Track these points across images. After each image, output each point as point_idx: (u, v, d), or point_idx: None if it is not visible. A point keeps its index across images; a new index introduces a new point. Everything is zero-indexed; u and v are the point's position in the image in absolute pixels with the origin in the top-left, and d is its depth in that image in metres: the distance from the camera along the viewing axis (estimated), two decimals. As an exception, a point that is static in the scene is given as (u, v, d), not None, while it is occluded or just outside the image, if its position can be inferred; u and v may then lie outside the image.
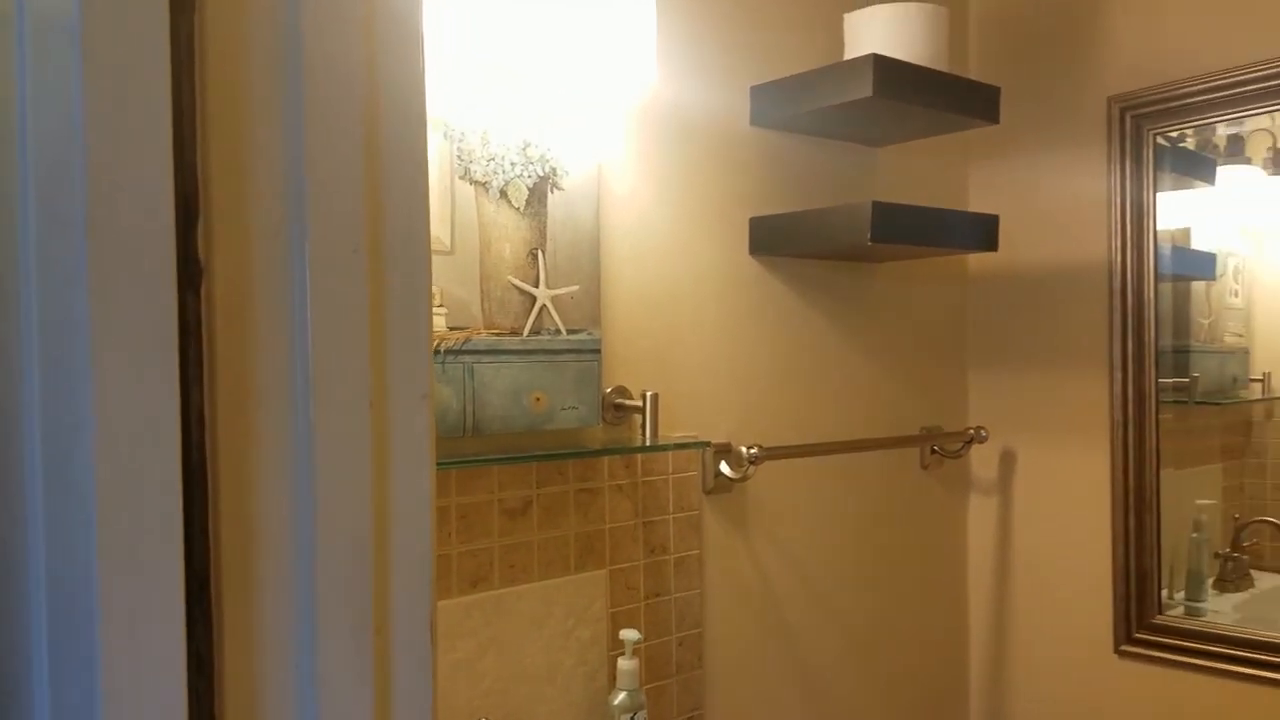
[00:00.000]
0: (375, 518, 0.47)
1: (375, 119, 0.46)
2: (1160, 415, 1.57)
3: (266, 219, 0.44)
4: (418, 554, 0.49)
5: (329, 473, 0.45)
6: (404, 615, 0.48)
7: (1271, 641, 1.44)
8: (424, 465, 0.49)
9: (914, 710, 1.67)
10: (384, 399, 0.47)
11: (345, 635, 0.46)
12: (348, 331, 0.46)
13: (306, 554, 0.45)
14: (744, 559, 1.41)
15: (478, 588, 1.08)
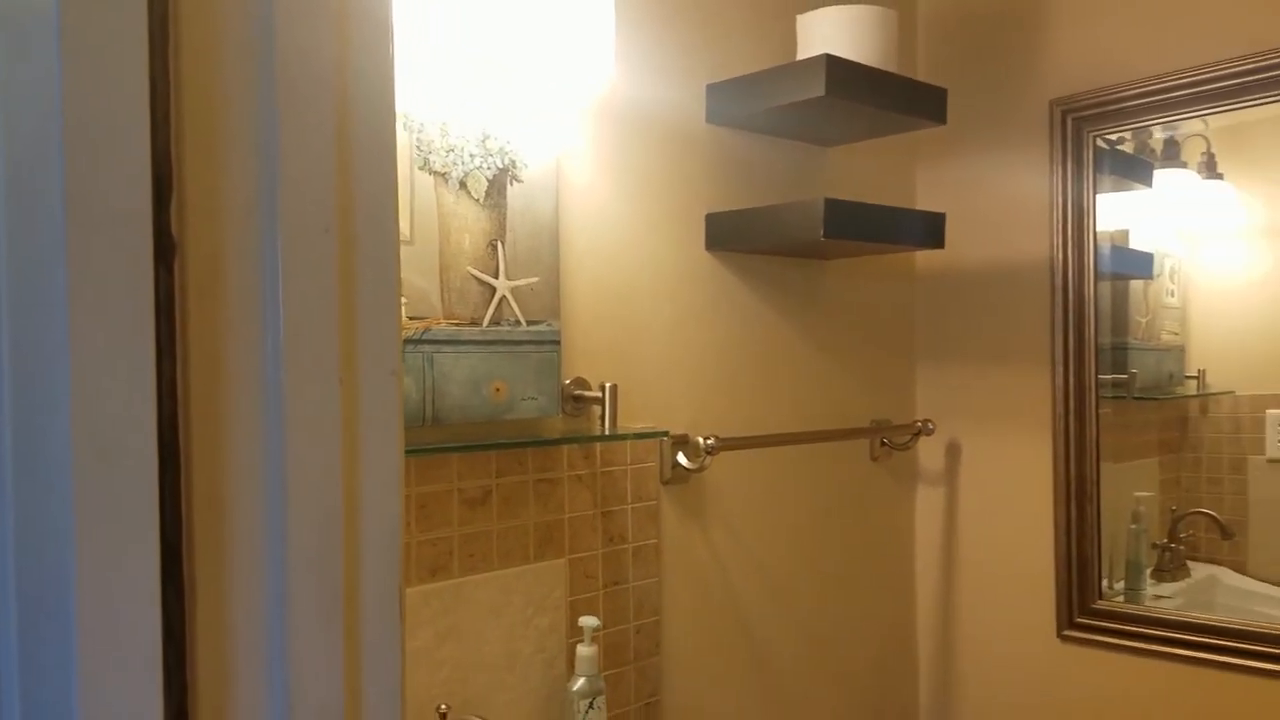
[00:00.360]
0: (346, 493, 0.48)
1: (345, 101, 0.47)
2: (1100, 409, 1.63)
3: (239, 197, 0.45)
4: (388, 530, 0.50)
5: (299, 448, 0.46)
6: (374, 591, 0.50)
7: (1207, 624, 1.50)
8: (394, 441, 0.50)
9: (865, 694, 1.71)
10: (354, 376, 0.49)
11: (315, 610, 0.48)
12: (318, 309, 0.47)
13: (278, 528, 0.46)
14: (701, 548, 1.43)
15: (437, 576, 1.09)
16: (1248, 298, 1.49)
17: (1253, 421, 1.49)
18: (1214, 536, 1.55)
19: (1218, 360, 1.54)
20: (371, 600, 0.49)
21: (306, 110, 0.46)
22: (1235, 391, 1.51)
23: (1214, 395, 1.54)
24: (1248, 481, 1.50)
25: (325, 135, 0.47)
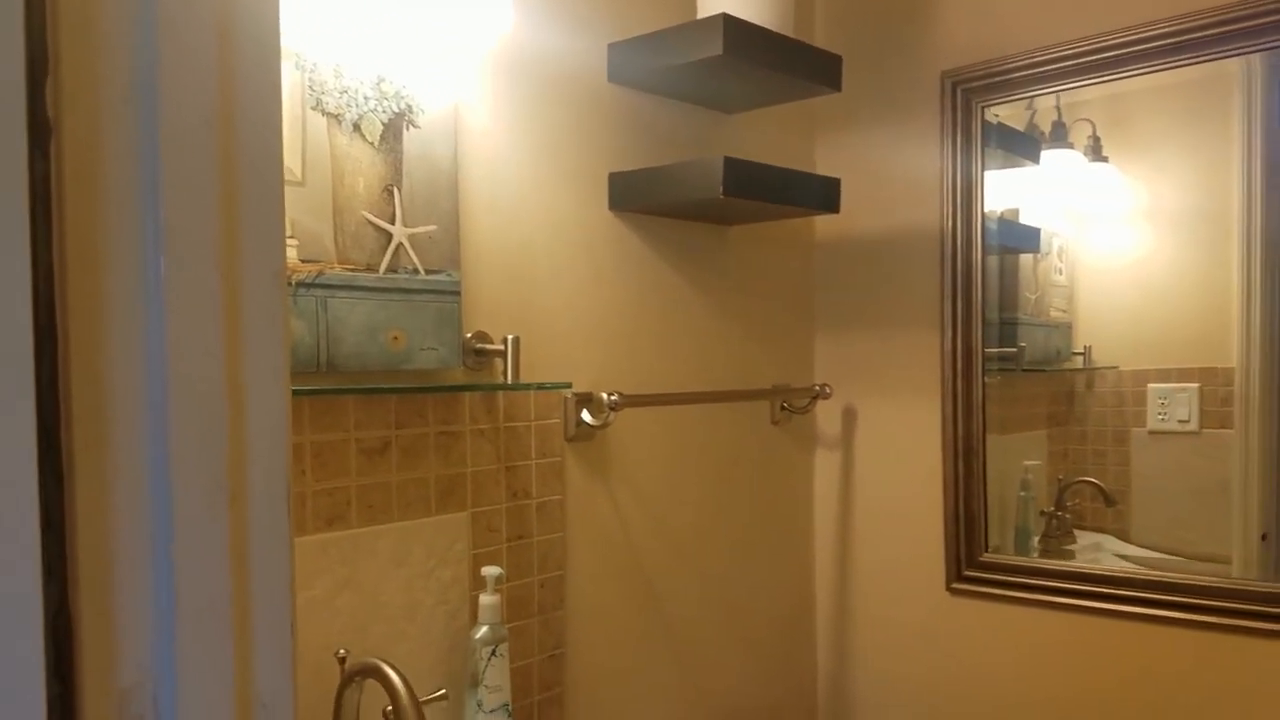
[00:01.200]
0: (229, 384, 0.48)
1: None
2: (986, 371, 1.70)
3: (118, 82, 0.44)
4: (273, 423, 0.50)
5: (180, 337, 0.46)
6: (260, 484, 0.50)
7: (1087, 573, 1.58)
8: (278, 339, 0.50)
9: (766, 648, 1.76)
10: (236, 269, 0.48)
11: (200, 501, 0.48)
12: (198, 199, 0.47)
13: (159, 416, 0.46)
14: (605, 505, 1.45)
15: (334, 526, 1.08)
16: (1131, 277, 1.56)
17: (1135, 395, 1.55)
18: (1099, 505, 1.62)
19: (1103, 337, 1.60)
20: (258, 493, 0.49)
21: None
22: (1119, 367, 1.58)
23: (1099, 370, 1.60)
24: (1130, 453, 1.56)
25: (207, 24, 0.46)
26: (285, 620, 0.51)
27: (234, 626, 0.49)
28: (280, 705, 0.51)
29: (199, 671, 0.48)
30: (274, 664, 0.51)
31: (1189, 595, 1.46)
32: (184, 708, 0.47)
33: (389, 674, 0.94)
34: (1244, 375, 1.46)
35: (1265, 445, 1.44)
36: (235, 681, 0.49)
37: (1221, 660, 1.43)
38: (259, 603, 0.50)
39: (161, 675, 0.47)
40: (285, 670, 0.51)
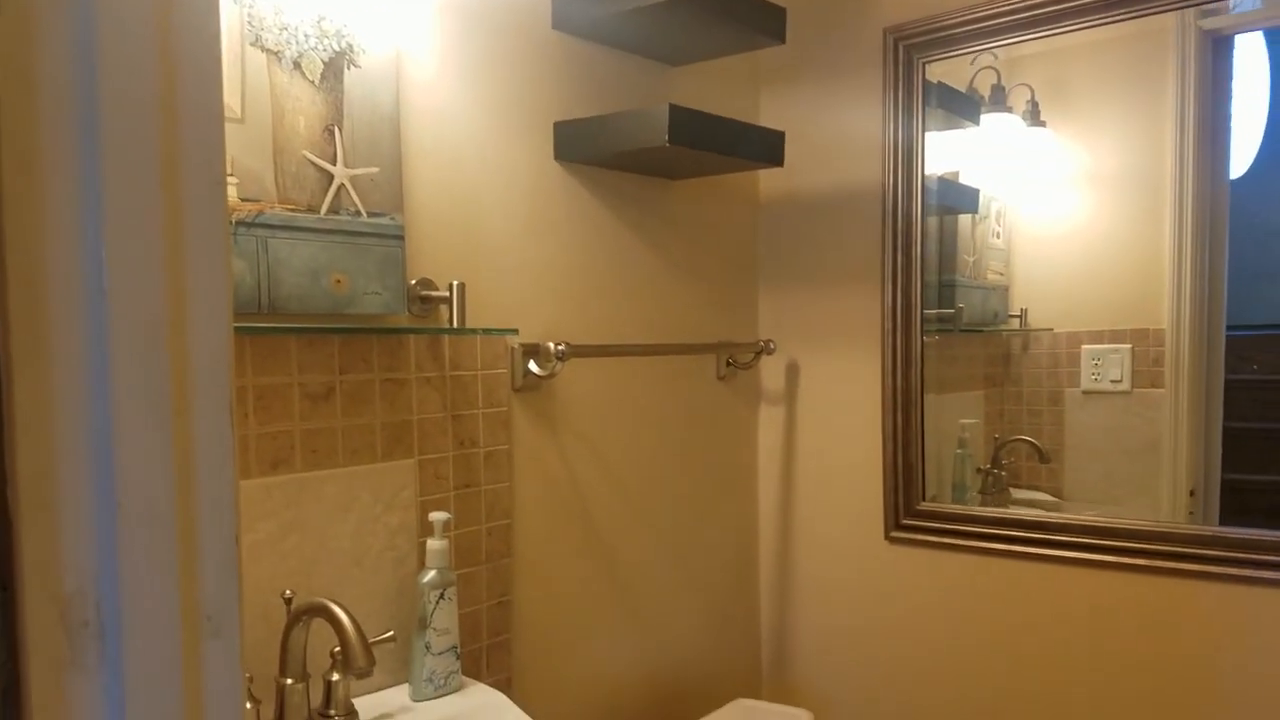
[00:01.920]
0: (170, 292, 0.48)
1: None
2: (925, 332, 1.73)
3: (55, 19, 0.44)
4: (215, 335, 0.50)
5: (119, 244, 0.46)
6: (203, 396, 0.50)
7: (1022, 519, 1.63)
8: (220, 248, 0.50)
9: (711, 594, 1.79)
10: (176, 179, 0.48)
11: (142, 409, 0.47)
12: (134, 105, 0.46)
13: (100, 324, 0.46)
14: (552, 455, 1.46)
15: (278, 470, 1.07)
16: (1067, 240, 1.60)
17: (1069, 356, 1.59)
18: (1034, 464, 1.66)
19: (1039, 299, 1.64)
20: (201, 404, 0.49)
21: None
22: (1054, 329, 1.61)
23: (1035, 332, 1.64)
24: (1064, 412, 1.61)
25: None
26: (230, 534, 0.51)
27: (178, 537, 0.49)
28: (226, 617, 0.51)
29: (143, 580, 0.48)
30: (219, 576, 0.51)
31: (1119, 539, 1.51)
32: (129, 616, 0.47)
33: (336, 612, 0.94)
34: (1174, 336, 1.51)
35: (1194, 404, 1.50)
36: (180, 592, 0.49)
37: (1149, 600, 1.49)
38: (203, 514, 0.50)
39: (105, 583, 0.47)
40: (231, 583, 0.51)
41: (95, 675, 0.46)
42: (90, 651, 0.47)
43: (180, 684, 0.49)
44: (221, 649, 0.51)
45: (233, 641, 0.52)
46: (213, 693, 0.50)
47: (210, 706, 0.50)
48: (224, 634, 0.51)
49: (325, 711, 1.03)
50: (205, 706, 0.50)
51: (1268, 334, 1.44)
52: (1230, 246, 1.47)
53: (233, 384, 0.50)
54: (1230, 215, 1.47)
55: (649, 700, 1.65)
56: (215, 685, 0.50)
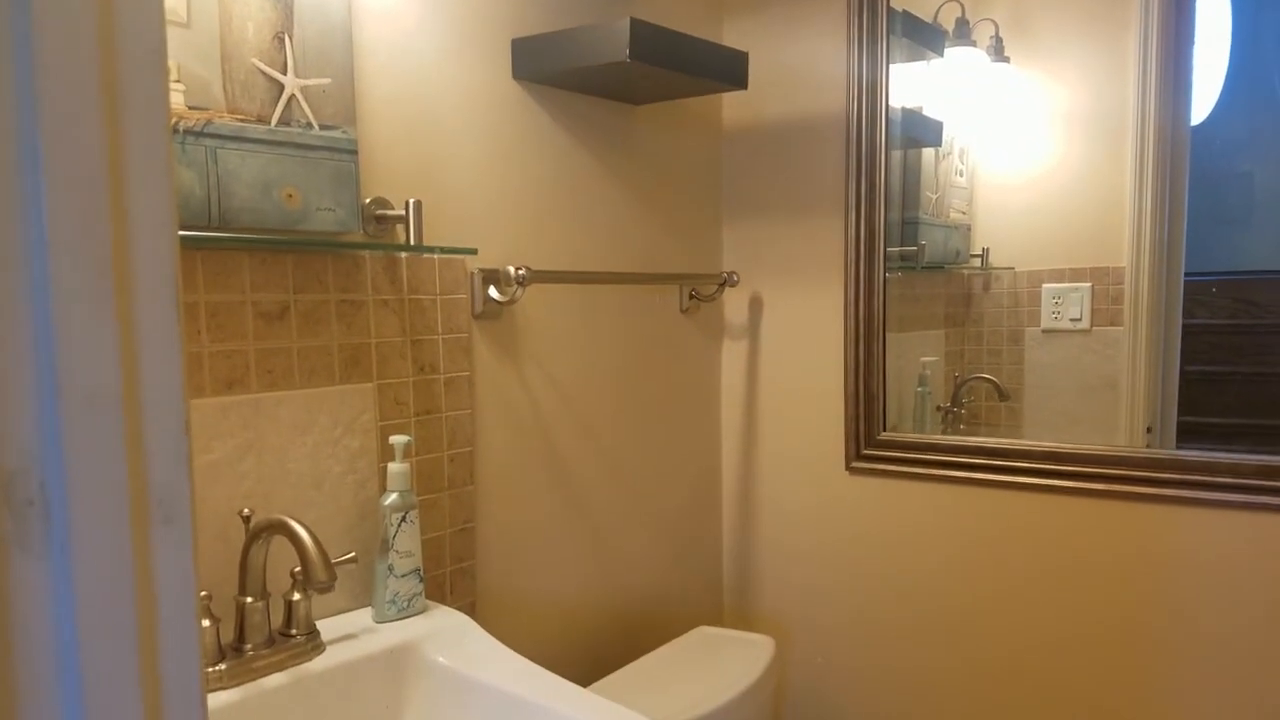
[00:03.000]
0: (109, 160, 0.45)
1: None
2: (888, 269, 1.73)
3: None
4: (158, 206, 0.48)
5: (51, 108, 0.43)
6: (146, 271, 0.48)
7: (981, 446, 1.65)
8: (161, 119, 0.48)
9: (673, 525, 1.80)
10: (111, 41, 0.46)
11: (82, 282, 0.45)
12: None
13: (36, 190, 0.43)
14: (514, 384, 1.44)
15: (233, 390, 1.05)
16: (1029, 179, 1.59)
17: (1030, 295, 1.60)
18: (994, 403, 1.67)
19: (1001, 239, 1.64)
20: (144, 280, 0.47)
21: None
22: (1015, 268, 1.62)
23: (996, 271, 1.65)
24: (1024, 351, 1.62)
25: None
26: (178, 419, 0.50)
27: (123, 417, 0.47)
28: (177, 505, 0.50)
29: (89, 463, 0.46)
30: (168, 462, 0.49)
31: (1077, 464, 1.54)
32: (75, 498, 0.46)
33: (295, 528, 0.92)
34: (1134, 274, 1.52)
35: (1152, 341, 1.51)
36: (128, 476, 0.48)
37: (1108, 524, 1.52)
38: (149, 397, 0.48)
39: (50, 464, 0.45)
40: (181, 470, 0.50)
41: (43, 557, 0.45)
42: (37, 533, 0.45)
43: (131, 570, 0.48)
44: (173, 537, 0.50)
45: (185, 530, 0.50)
46: (165, 581, 0.49)
47: (163, 595, 0.49)
48: (176, 522, 0.50)
49: (286, 631, 1.02)
50: (158, 595, 0.49)
51: (1225, 279, 1.45)
52: (1189, 192, 1.48)
53: (178, 262, 0.48)
54: (1190, 161, 1.48)
55: (612, 628, 1.66)
56: (167, 574, 0.49)
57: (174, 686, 0.48)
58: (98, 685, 0.46)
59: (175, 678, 0.48)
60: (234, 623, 0.99)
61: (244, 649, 0.97)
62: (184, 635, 0.49)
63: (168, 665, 0.48)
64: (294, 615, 1.02)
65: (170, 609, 0.49)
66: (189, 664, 0.49)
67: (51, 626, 0.45)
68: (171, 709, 0.48)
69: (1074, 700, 1.57)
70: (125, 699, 0.46)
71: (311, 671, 1.00)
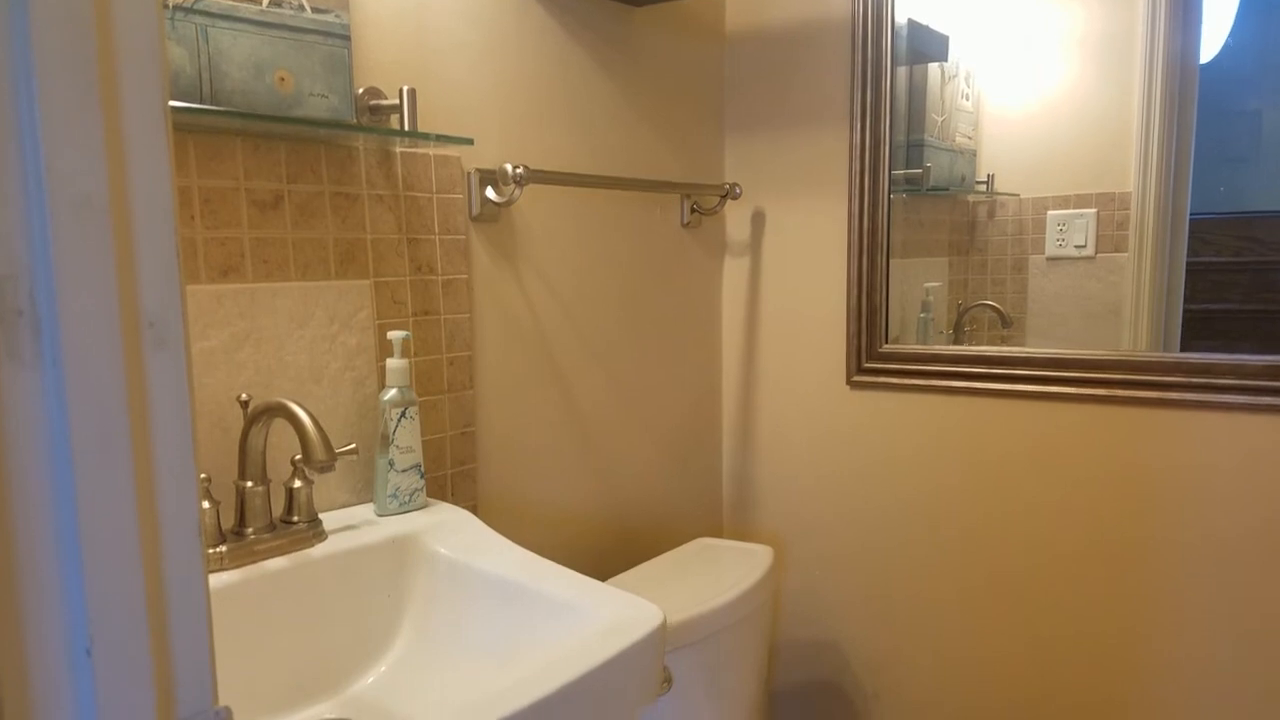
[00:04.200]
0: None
1: None
2: (892, 180, 1.70)
3: None
4: (145, 14, 0.46)
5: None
6: (133, 74, 0.46)
7: (984, 355, 1.64)
8: None
9: (672, 440, 1.80)
10: None
11: (69, 84, 0.44)
12: None
13: None
14: (513, 291, 1.43)
15: (229, 278, 1.03)
16: (1036, 105, 1.56)
17: (1035, 223, 1.58)
18: (996, 331, 1.66)
19: (1006, 165, 1.61)
20: (131, 84, 0.46)
21: None
22: (1020, 195, 1.60)
23: (1001, 198, 1.62)
24: (1028, 280, 1.60)
25: None
26: (169, 238, 0.49)
27: (112, 228, 0.46)
28: (170, 328, 0.49)
29: (78, 271, 0.45)
30: (159, 282, 0.48)
31: (1080, 370, 1.53)
32: (66, 312, 0.45)
33: (294, 409, 0.92)
34: (1140, 199, 1.50)
35: (1156, 267, 1.50)
36: (119, 291, 0.47)
37: (1108, 430, 1.52)
38: (139, 209, 0.47)
39: (38, 271, 0.44)
40: (173, 292, 0.49)
41: (34, 368, 0.44)
42: (27, 342, 0.44)
43: (125, 391, 0.47)
44: (168, 361, 0.49)
45: (178, 356, 0.49)
46: (160, 406, 0.48)
47: (157, 419, 0.48)
48: (169, 346, 0.49)
49: (288, 518, 1.02)
50: (152, 419, 0.48)
51: (1229, 218, 1.43)
52: (1197, 129, 1.45)
53: (166, 67, 0.46)
54: (1198, 98, 1.45)
55: (613, 538, 1.67)
56: (162, 398, 0.48)
57: (171, 507, 0.48)
58: (93, 504, 0.45)
59: (172, 498, 0.48)
60: (234, 508, 0.99)
61: (245, 533, 0.97)
62: (180, 460, 0.48)
63: (164, 486, 0.48)
64: (295, 502, 1.02)
65: (166, 432, 0.48)
66: (186, 488, 0.48)
67: (45, 441, 0.44)
68: (168, 527, 0.48)
69: (1075, 607, 1.59)
70: (121, 519, 0.46)
71: (313, 557, 1.00)
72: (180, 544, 0.48)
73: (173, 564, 0.47)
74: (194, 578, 0.48)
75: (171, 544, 0.47)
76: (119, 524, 0.46)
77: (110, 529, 0.45)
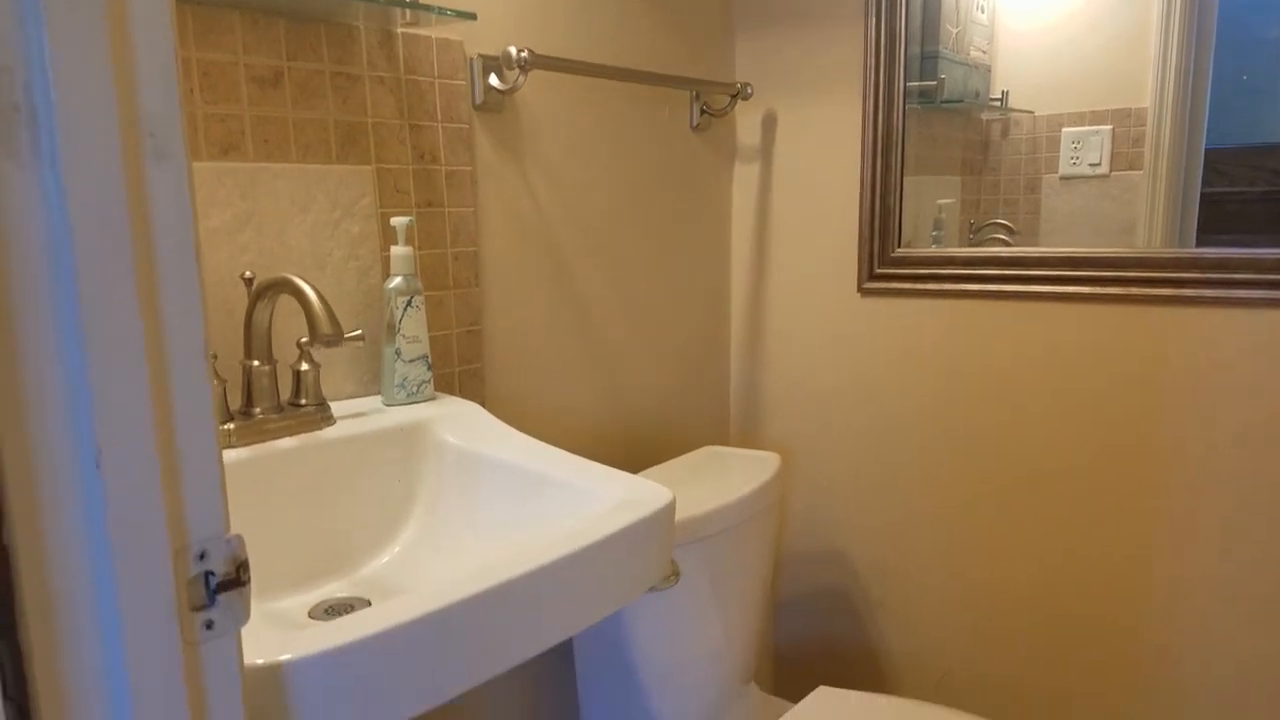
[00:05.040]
0: None
1: None
2: (906, 89, 1.66)
3: None
4: None
5: None
6: None
7: (993, 256, 1.62)
8: None
9: (680, 349, 1.79)
10: None
11: None
12: None
13: None
14: (518, 186, 1.40)
15: (229, 155, 1.01)
16: (1052, 19, 1.52)
17: (1049, 141, 1.55)
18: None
19: (1021, 81, 1.57)
20: None
21: None
22: (1035, 112, 1.56)
23: (1015, 114, 1.59)
24: (1041, 199, 1.57)
25: None
26: (167, 41, 0.46)
27: (108, 26, 0.44)
28: (171, 140, 0.47)
29: (74, 68, 0.43)
30: (157, 89, 0.46)
31: (1096, 269, 1.51)
32: (63, 108, 0.42)
33: (299, 284, 0.90)
34: (1156, 114, 1.46)
35: (1171, 184, 1.46)
36: (116, 94, 0.44)
37: (1123, 329, 1.50)
38: (135, 9, 0.45)
39: (33, 65, 0.42)
40: (171, 101, 0.47)
41: (31, 167, 0.42)
42: (23, 140, 0.42)
43: (126, 198, 0.45)
44: (170, 174, 0.47)
45: (180, 169, 0.47)
46: (162, 217, 0.46)
47: (160, 230, 0.46)
48: (171, 159, 0.47)
49: (296, 401, 1.01)
50: (154, 229, 0.46)
51: (1245, 148, 1.40)
52: (1214, 56, 1.40)
53: None
54: (1217, 24, 1.40)
55: (619, 445, 1.67)
56: (165, 210, 0.46)
57: (175, 321, 0.46)
58: (96, 312, 0.43)
59: (176, 312, 0.46)
60: (241, 389, 0.98)
61: (253, 412, 0.96)
62: (183, 274, 0.46)
63: (168, 299, 0.46)
64: (302, 385, 1.01)
65: (169, 242, 0.46)
66: (190, 303, 0.47)
67: (46, 244, 0.42)
68: (173, 340, 0.46)
69: (1087, 516, 1.58)
70: (125, 327, 0.44)
71: (323, 439, 0.99)
72: (186, 359, 0.46)
73: (179, 380, 0.46)
74: (200, 397, 0.47)
75: (177, 358, 0.46)
76: (123, 334, 0.44)
77: (114, 338, 0.44)
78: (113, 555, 0.44)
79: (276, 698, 0.55)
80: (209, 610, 0.48)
